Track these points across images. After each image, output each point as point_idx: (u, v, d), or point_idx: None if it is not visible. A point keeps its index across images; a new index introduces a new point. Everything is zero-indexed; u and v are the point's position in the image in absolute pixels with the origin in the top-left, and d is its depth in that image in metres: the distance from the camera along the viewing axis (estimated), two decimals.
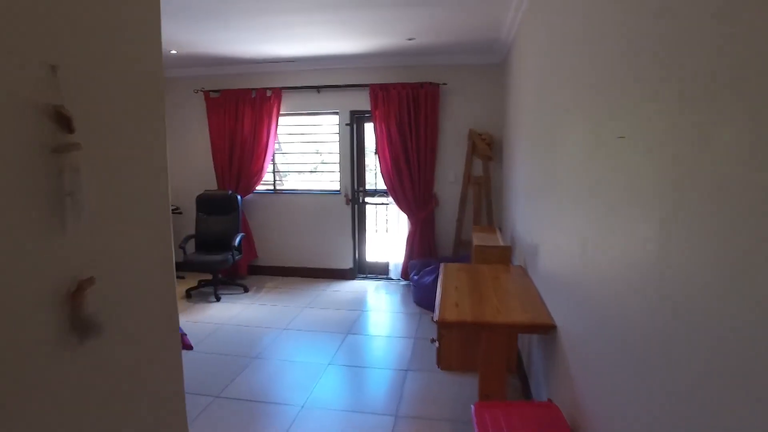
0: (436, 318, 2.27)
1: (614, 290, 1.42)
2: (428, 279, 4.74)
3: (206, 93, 5.78)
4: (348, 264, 5.87)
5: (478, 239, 3.93)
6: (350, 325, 4.38)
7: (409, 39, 4.47)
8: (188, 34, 4.24)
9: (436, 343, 2.37)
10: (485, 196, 5.34)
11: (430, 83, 5.23)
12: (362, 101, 5.48)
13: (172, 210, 5.88)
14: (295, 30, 4.14)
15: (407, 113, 5.26)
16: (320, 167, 6.07)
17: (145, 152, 1.08)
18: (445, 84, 5.27)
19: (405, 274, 5.53)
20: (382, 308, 4.92)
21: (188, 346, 3.16)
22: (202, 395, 3.13)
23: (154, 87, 1.09)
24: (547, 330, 2.21)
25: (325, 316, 4.63)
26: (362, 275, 5.95)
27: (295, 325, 4.41)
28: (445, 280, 2.87)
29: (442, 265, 3.21)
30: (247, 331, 4.27)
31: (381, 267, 5.89)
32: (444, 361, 2.35)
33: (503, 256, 3.48)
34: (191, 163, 6.13)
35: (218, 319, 4.56)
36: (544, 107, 2.62)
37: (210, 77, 5.86)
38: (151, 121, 1.08)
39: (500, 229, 4.47)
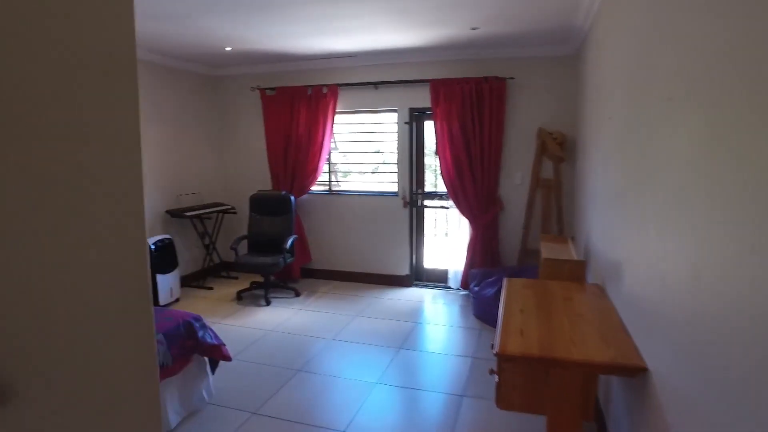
0: (495, 349, 1.90)
1: (757, 343, 1.00)
2: (490, 291, 4.32)
3: (262, 91, 5.67)
4: (404, 270, 5.55)
5: (547, 250, 3.48)
6: (403, 339, 4.06)
7: (473, 28, 4.08)
8: (242, 30, 4.09)
9: (496, 377, 2.01)
10: (555, 201, 4.83)
11: (496, 77, 4.80)
12: (422, 98, 5.14)
13: (228, 210, 5.84)
14: (351, 21, 3.87)
15: (470, 110, 4.86)
16: (378, 168, 5.80)
17: (97, 145, 0.81)
18: (512, 78, 4.82)
19: (465, 283, 5.13)
20: (438, 321, 4.56)
21: (227, 357, 2.98)
22: (238, 410, 2.92)
23: (116, 53, 0.82)
24: (634, 372, 1.78)
25: (377, 327, 4.34)
26: (419, 282, 5.61)
27: (345, 335, 4.15)
28: (509, 300, 2.48)
29: (505, 281, 2.81)
30: (295, 339, 4.07)
31: (439, 274, 5.52)
32: (504, 400, 1.99)
33: (576, 271, 3.02)
34: (247, 162, 6.06)
35: (266, 324, 4.40)
36: (635, 98, 2.17)
37: (266, 74, 5.75)
38: (107, 102, 0.82)
39: (572, 240, 3.97)
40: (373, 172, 5.84)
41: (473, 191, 4.97)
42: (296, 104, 5.52)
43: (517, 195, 5.02)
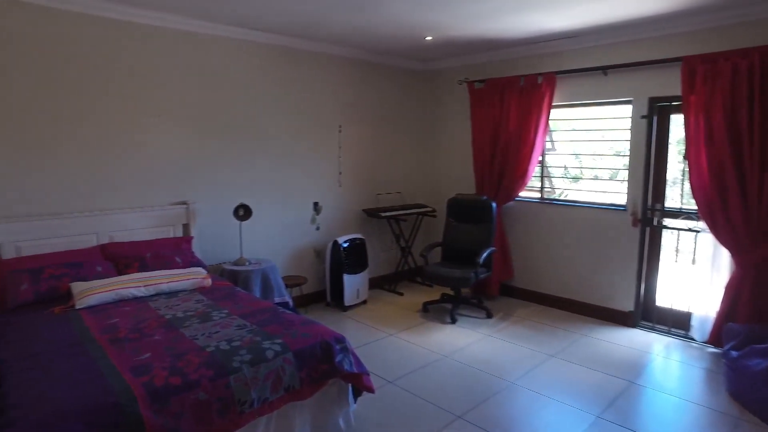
0: None
1: None
2: (760, 363, 2.92)
3: (470, 84, 5.14)
4: (627, 305, 4.34)
5: None
6: (608, 402, 3.04)
7: None
8: (442, 13, 3.61)
9: None
10: None
11: None
12: (668, 83, 3.86)
13: (427, 212, 5.51)
14: None
15: (746, 96, 3.41)
16: (603, 174, 4.69)
17: None
18: None
19: (716, 339, 3.69)
20: (667, 386, 3.31)
21: (369, 389, 2.58)
22: None
23: None
24: None
25: (576, 376, 3.40)
26: (646, 324, 4.31)
27: (532, 379, 3.34)
28: None
29: None
30: (470, 373, 3.45)
31: (677, 318, 4.13)
32: None
33: None
34: (452, 162, 5.65)
35: (443, 347, 3.88)
36: None
37: (475, 65, 5.21)
38: None
39: None
40: (610, 179, 4.73)
41: (741, 212, 3.50)
42: (506, 97, 4.82)
43: None
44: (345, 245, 4.68)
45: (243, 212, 3.91)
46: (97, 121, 3.44)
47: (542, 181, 4.98)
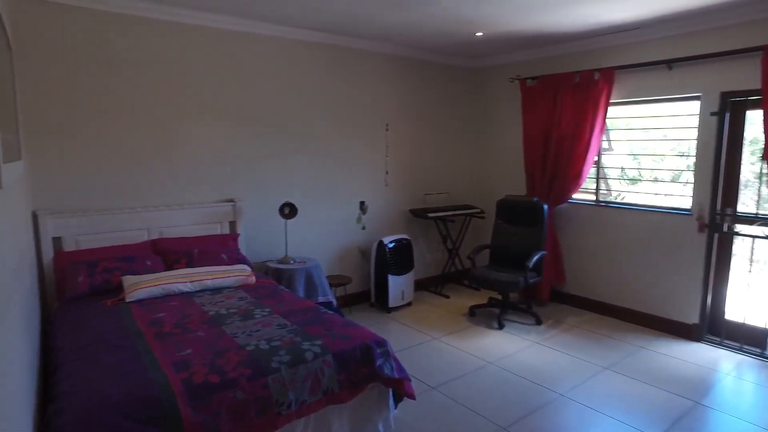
0: None
1: None
2: None
3: (522, 81, 4.94)
4: (691, 317, 4.03)
5: None
6: (669, 423, 2.81)
7: None
8: (494, 6, 3.46)
9: None
10: None
11: None
12: (744, 76, 3.55)
13: (475, 213, 5.36)
14: None
15: None
16: (664, 176, 4.38)
17: None
18: None
19: None
20: (738, 410, 3.02)
21: (409, 395, 2.50)
22: None
23: None
24: None
25: (632, 392, 3.17)
26: (713, 339, 3.98)
27: (583, 393, 3.15)
28: None
29: None
30: (516, 382, 3.29)
31: (751, 334, 3.79)
32: None
33: None
34: (503, 162, 5.46)
35: (489, 353, 3.74)
36: None
37: (528, 62, 5.01)
38: None
39: None
40: (672, 181, 4.43)
41: None
42: (560, 95, 4.60)
43: None
44: (390, 245, 4.62)
45: (288, 211, 3.92)
46: (150, 122, 3.54)
47: (597, 183, 4.72)
